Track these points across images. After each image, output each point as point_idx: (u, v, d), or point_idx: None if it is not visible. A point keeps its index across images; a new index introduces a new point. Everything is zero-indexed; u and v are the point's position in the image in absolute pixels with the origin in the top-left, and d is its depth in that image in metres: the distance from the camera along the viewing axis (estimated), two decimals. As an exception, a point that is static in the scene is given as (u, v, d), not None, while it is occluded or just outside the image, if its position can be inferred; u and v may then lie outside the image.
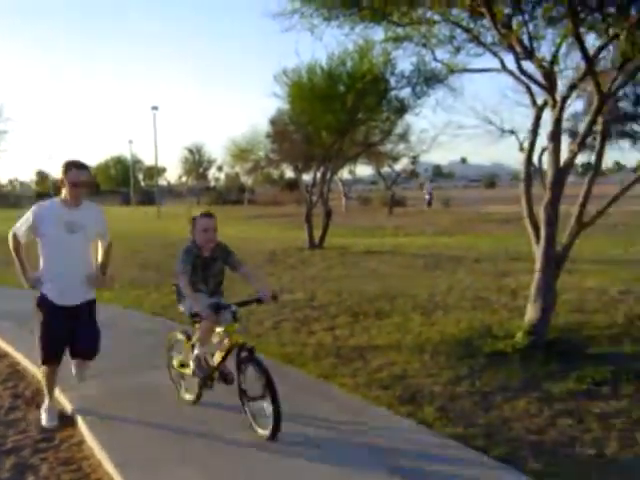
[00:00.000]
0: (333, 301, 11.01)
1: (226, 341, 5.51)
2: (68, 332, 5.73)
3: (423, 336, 8.34)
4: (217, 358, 5.63)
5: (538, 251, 7.78)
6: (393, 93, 18.46)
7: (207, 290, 5.77)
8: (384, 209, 46.05)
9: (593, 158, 8.10)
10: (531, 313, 7.73)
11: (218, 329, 5.58)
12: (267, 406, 5.06)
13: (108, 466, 4.86)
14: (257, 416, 5.28)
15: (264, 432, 5.15)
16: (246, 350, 5.28)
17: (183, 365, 6.10)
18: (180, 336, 6.18)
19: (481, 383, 6.46)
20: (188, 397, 6.09)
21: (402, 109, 19.31)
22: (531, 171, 8.12)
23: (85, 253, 5.77)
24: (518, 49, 7.52)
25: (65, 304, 5.66)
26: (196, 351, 5.73)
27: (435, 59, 9.50)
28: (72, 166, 5.60)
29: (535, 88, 7.99)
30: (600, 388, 6.15)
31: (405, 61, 29.72)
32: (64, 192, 5.64)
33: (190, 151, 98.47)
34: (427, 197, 50.50)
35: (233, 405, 5.62)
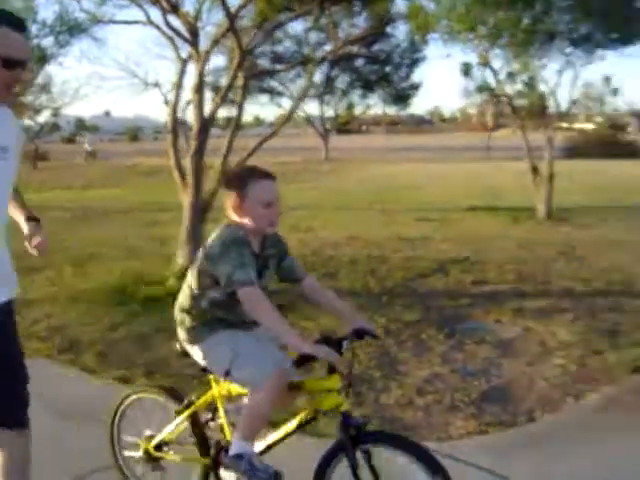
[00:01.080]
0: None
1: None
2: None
3: (78, 287, 8.34)
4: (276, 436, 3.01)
5: (186, 200, 8.14)
6: (35, 42, 17.66)
7: (237, 318, 2.99)
8: (26, 163, 43.59)
9: (234, 112, 8.67)
10: (181, 258, 8.11)
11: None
12: None
13: None
14: None
15: None
16: (353, 425, 2.70)
17: (159, 447, 3.37)
18: (156, 397, 3.39)
19: (138, 327, 6.71)
20: None
21: (44, 58, 18.56)
22: (177, 123, 8.45)
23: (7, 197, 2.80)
24: (164, 3, 7.74)
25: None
26: (241, 448, 2.86)
27: (82, 9, 9.38)
28: (5, 22, 2.50)
29: (179, 42, 8.30)
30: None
31: (48, 9, 29.32)
32: None
33: None
34: (89, 149, 48.63)
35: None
